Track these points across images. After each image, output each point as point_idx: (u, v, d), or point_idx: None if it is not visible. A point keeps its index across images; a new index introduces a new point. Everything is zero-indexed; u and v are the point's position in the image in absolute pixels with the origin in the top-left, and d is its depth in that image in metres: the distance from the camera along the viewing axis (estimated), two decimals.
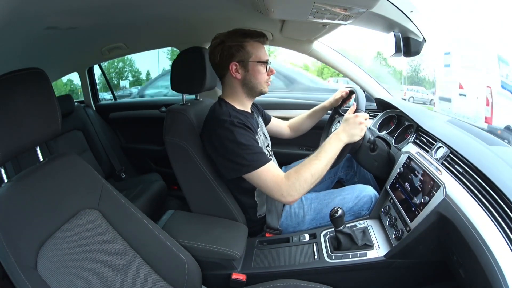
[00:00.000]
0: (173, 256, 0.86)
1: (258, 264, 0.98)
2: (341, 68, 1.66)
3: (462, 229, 0.67)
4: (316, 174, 0.92)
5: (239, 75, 1.02)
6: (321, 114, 1.39)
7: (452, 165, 0.85)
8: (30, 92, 0.71)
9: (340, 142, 0.97)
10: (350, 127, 0.98)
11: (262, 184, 0.93)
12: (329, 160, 0.95)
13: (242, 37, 1.00)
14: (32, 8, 0.93)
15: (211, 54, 1.04)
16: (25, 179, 0.71)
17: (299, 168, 0.93)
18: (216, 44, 1.01)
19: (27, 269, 0.63)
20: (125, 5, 1.16)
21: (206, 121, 1.05)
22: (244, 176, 0.95)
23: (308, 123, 1.41)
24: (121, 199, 0.86)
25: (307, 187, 0.91)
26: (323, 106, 1.36)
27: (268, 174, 0.93)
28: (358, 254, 0.92)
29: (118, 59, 4.23)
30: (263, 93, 1.08)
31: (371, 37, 4.27)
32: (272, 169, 0.94)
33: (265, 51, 1.05)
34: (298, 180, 0.90)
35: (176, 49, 1.91)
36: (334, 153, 0.96)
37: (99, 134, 2.06)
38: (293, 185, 0.90)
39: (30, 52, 1.44)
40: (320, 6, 0.90)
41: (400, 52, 1.25)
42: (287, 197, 0.91)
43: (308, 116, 1.40)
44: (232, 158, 0.94)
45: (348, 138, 0.98)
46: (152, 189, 1.69)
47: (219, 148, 0.96)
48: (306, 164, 0.93)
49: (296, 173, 0.91)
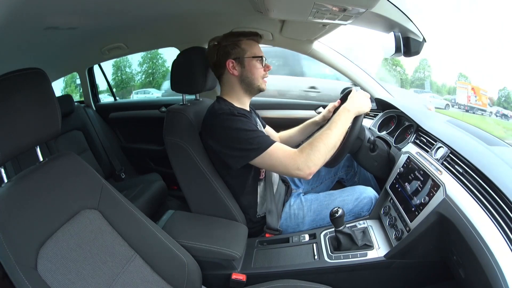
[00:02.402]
0: (173, 256, 0.85)
1: (258, 264, 0.98)
2: (341, 68, 1.66)
3: (462, 229, 0.67)
4: (329, 144, 0.91)
5: (236, 71, 1.04)
6: (312, 129, 1.34)
7: (452, 165, 0.85)
8: (30, 92, 0.71)
9: (349, 112, 0.98)
10: (358, 99, 1.01)
11: (275, 162, 0.92)
12: (341, 131, 0.95)
13: (236, 36, 1.05)
14: (32, 8, 0.93)
15: (209, 55, 1.07)
16: (25, 179, 0.71)
17: (311, 141, 0.92)
18: (213, 46, 1.06)
19: (27, 269, 0.63)
20: (125, 5, 1.16)
21: (205, 118, 1.05)
22: (254, 161, 0.93)
23: (298, 138, 1.36)
24: (121, 199, 0.86)
25: (322, 158, 0.90)
26: (315, 120, 1.32)
27: (279, 152, 0.92)
28: (358, 254, 0.92)
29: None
30: (261, 90, 1.08)
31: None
32: (281, 147, 0.93)
33: (260, 48, 1.08)
34: (312, 150, 0.90)
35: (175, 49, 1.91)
36: (345, 123, 0.96)
37: (99, 134, 2.05)
38: (308, 156, 0.89)
39: (30, 52, 1.44)
40: (320, 6, 0.90)
41: (400, 52, 1.24)
42: (304, 169, 0.89)
43: (298, 130, 1.35)
44: (238, 146, 0.93)
45: (357, 109, 0.99)
46: (152, 189, 1.68)
47: (222, 139, 0.96)
48: (318, 136, 0.93)
49: (310, 145, 0.91)
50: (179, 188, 1.11)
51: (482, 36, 2.90)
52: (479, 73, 3.23)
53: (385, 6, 1.04)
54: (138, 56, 4.82)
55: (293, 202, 1.16)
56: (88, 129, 2.01)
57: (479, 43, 3.02)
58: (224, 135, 0.95)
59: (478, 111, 3.24)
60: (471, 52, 3.15)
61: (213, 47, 1.05)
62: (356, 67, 1.66)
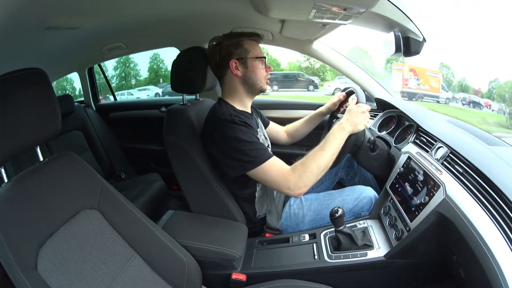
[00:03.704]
0: (173, 256, 0.85)
1: (258, 264, 0.98)
2: (341, 68, 1.66)
3: (462, 229, 0.67)
4: (322, 165, 0.92)
5: (239, 72, 1.03)
6: (318, 120, 1.38)
7: (452, 165, 0.85)
8: (30, 92, 0.71)
9: (344, 131, 0.97)
10: (354, 117, 0.99)
11: (268, 179, 0.93)
12: (334, 150, 0.95)
13: (238, 36, 1.04)
14: (32, 8, 0.93)
15: (210, 55, 1.06)
16: (25, 179, 0.71)
17: (304, 160, 0.92)
18: (214, 46, 1.04)
19: (27, 269, 0.62)
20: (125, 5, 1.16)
21: (207, 121, 1.05)
22: (249, 173, 0.94)
23: (304, 129, 1.39)
24: (121, 199, 0.86)
25: (313, 179, 0.91)
26: (320, 111, 1.35)
27: (273, 168, 0.92)
28: (358, 254, 0.92)
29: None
30: (262, 91, 1.09)
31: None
32: (277, 163, 0.94)
33: (261, 49, 1.08)
34: (304, 172, 0.90)
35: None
36: (339, 143, 0.96)
37: (99, 134, 2.06)
38: (300, 177, 0.90)
39: (30, 52, 1.44)
40: (320, 6, 0.90)
41: (400, 52, 1.25)
42: (295, 190, 0.90)
43: (304, 122, 1.39)
44: (235, 156, 0.94)
45: (352, 127, 0.98)
46: (152, 189, 1.68)
47: (221, 146, 0.96)
48: (311, 155, 0.93)
49: (302, 165, 0.91)
50: (179, 188, 1.11)
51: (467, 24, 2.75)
52: (463, 63, 2.94)
53: (385, 6, 1.04)
54: (113, 61, 4.95)
55: (293, 202, 1.16)
56: (88, 129, 2.01)
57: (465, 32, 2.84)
58: (223, 142, 0.95)
59: (427, 98, 2.62)
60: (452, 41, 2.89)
61: (215, 47, 1.04)
62: (356, 67, 1.66)
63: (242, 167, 0.94)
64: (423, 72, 2.78)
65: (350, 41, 3.66)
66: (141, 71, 5.81)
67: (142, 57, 5.84)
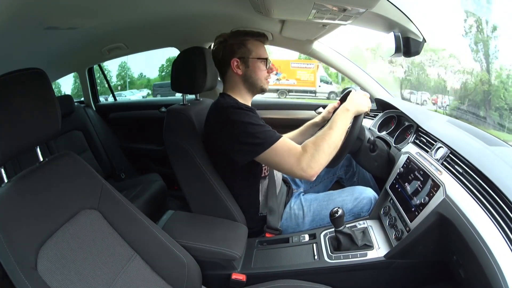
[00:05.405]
0: (173, 256, 0.85)
1: (258, 264, 0.98)
2: (341, 68, 1.66)
3: (462, 229, 0.67)
4: (332, 144, 0.91)
5: (240, 71, 1.04)
6: (312, 130, 1.33)
7: (452, 166, 0.85)
8: (30, 92, 0.71)
9: (348, 112, 0.97)
10: (356, 99, 1.00)
11: (280, 159, 0.90)
12: (342, 130, 0.94)
13: (243, 35, 1.04)
14: (33, 8, 0.94)
15: (214, 51, 1.07)
16: (25, 179, 0.71)
17: (315, 140, 0.92)
18: (219, 42, 1.05)
19: (27, 269, 0.62)
20: (125, 6, 1.16)
21: (209, 114, 1.05)
22: (260, 157, 0.92)
23: (298, 140, 1.31)
24: (121, 199, 0.86)
25: (326, 158, 0.90)
26: (315, 122, 1.32)
27: (284, 148, 0.90)
28: (358, 255, 0.92)
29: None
30: (263, 90, 1.09)
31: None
32: (288, 143, 0.92)
33: (265, 50, 1.08)
34: (316, 151, 0.89)
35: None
36: (345, 124, 0.96)
37: (99, 134, 2.05)
38: (313, 157, 0.88)
39: (30, 52, 1.44)
40: (320, 6, 0.90)
41: (400, 52, 1.25)
42: (308, 170, 0.88)
43: (299, 133, 1.35)
44: (244, 139, 0.92)
45: (356, 108, 0.99)
46: (152, 189, 1.68)
47: (229, 134, 0.95)
48: (321, 135, 0.92)
49: (314, 144, 0.90)
50: (179, 188, 1.11)
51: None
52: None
53: (385, 6, 1.04)
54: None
55: (293, 202, 1.16)
56: (88, 129, 2.01)
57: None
58: (231, 129, 0.94)
59: (297, 93, 2.04)
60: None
61: (219, 43, 1.05)
62: (356, 67, 1.66)
63: (254, 151, 0.91)
64: (286, 64, 2.30)
65: (350, 42, 3.63)
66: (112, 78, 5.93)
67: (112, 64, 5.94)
